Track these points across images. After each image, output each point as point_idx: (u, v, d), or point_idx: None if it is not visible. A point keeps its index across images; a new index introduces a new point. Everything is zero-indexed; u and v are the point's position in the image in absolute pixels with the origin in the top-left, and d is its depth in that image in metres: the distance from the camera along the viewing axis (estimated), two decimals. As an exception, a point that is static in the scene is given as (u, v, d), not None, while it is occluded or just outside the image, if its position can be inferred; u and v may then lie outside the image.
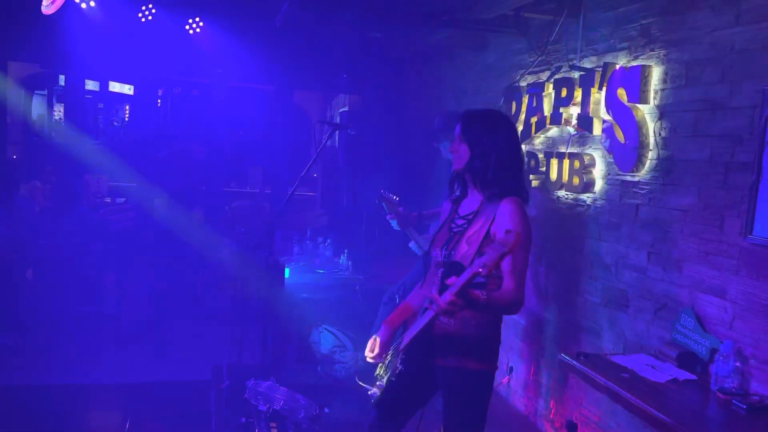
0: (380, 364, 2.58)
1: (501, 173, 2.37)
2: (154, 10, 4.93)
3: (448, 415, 2.42)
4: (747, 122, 2.60)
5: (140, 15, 4.94)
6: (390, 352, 2.54)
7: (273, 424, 3.57)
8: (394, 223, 3.99)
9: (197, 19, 5.16)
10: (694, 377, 2.67)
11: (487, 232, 2.31)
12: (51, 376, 4.61)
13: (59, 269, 5.47)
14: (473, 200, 2.48)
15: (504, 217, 2.30)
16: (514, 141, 2.45)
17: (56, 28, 5.32)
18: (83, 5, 4.58)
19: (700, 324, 2.77)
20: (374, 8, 3.54)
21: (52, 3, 4.19)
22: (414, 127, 6.33)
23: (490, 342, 2.41)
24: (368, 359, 2.58)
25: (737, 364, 2.51)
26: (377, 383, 2.59)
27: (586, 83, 3.54)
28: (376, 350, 2.55)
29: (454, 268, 2.31)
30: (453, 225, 2.49)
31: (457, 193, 2.58)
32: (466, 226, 2.41)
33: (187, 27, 5.20)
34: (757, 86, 2.56)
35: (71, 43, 5.62)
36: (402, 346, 2.43)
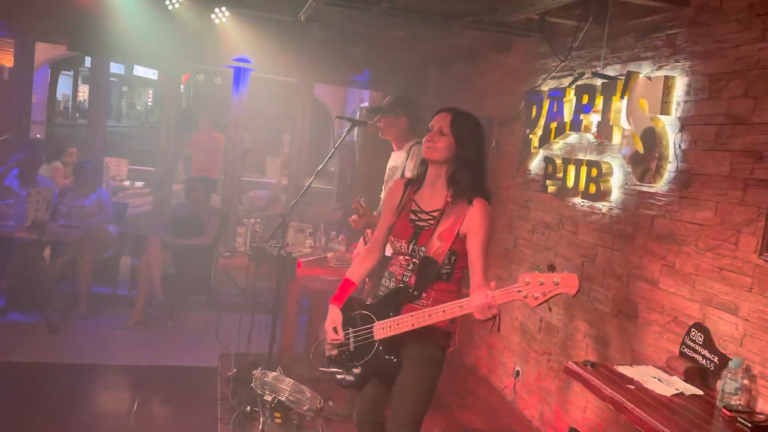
0: (333, 347, 2.67)
1: (476, 176, 2.54)
2: (181, -1, 4.98)
3: (402, 378, 2.56)
4: (768, 139, 2.58)
5: (167, 3, 4.98)
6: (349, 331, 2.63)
7: (277, 414, 3.61)
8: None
9: (223, 9, 5.19)
10: (700, 392, 2.65)
11: (458, 232, 2.48)
12: (64, 355, 4.70)
13: (76, 250, 5.55)
14: (436, 195, 2.60)
15: (475, 219, 2.48)
16: (485, 146, 2.66)
17: (84, 11, 5.39)
18: (112, -9, 4.64)
19: (709, 339, 2.75)
20: (398, 7, 3.54)
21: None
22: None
23: (453, 328, 2.61)
24: (332, 343, 2.66)
25: (745, 381, 2.49)
26: (349, 367, 2.63)
27: (608, 91, 3.52)
28: (340, 333, 2.63)
29: (428, 263, 2.51)
30: (415, 218, 2.61)
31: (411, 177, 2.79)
32: (434, 223, 2.55)
33: (213, 16, 5.24)
34: (780, 103, 2.53)
35: (98, 27, 5.68)
36: (377, 330, 2.55)
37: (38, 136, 10.34)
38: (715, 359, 2.69)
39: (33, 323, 5.14)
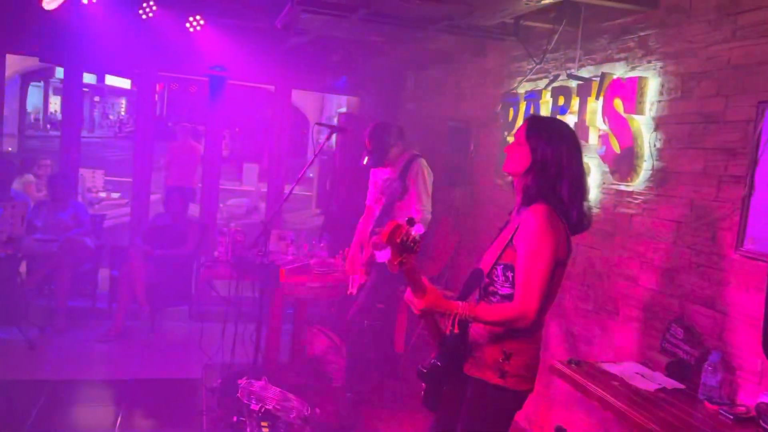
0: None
1: (550, 182, 2.23)
2: (155, 8, 4.93)
3: (462, 425, 2.38)
4: (741, 136, 2.64)
5: (140, 11, 4.94)
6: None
7: (264, 424, 3.59)
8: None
9: (198, 17, 5.16)
10: (682, 386, 2.70)
11: (510, 239, 2.24)
12: (43, 371, 4.62)
13: (53, 264, 5.46)
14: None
15: (526, 224, 2.18)
16: (571, 150, 2.27)
17: (56, 21, 5.31)
18: (84, 0, 4.58)
19: (689, 334, 2.81)
20: (375, 13, 3.56)
21: (54, -2, 4.20)
22: (412, 129, 6.35)
23: (516, 358, 2.27)
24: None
25: (725, 374, 2.54)
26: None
27: (583, 92, 3.57)
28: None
29: (474, 274, 2.35)
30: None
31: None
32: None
33: (188, 24, 5.20)
34: (751, 101, 2.59)
35: (71, 37, 5.61)
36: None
37: (9, 149, 10.18)
38: (696, 353, 2.74)
39: (10, 339, 5.04)
